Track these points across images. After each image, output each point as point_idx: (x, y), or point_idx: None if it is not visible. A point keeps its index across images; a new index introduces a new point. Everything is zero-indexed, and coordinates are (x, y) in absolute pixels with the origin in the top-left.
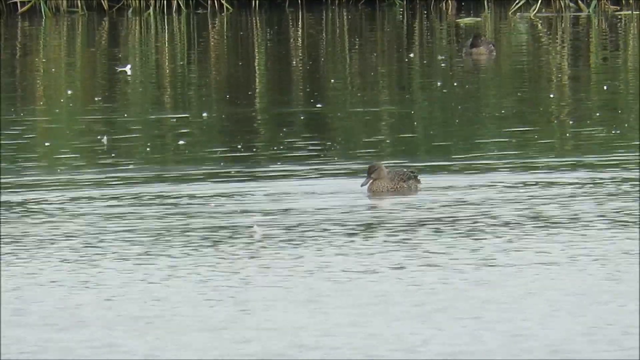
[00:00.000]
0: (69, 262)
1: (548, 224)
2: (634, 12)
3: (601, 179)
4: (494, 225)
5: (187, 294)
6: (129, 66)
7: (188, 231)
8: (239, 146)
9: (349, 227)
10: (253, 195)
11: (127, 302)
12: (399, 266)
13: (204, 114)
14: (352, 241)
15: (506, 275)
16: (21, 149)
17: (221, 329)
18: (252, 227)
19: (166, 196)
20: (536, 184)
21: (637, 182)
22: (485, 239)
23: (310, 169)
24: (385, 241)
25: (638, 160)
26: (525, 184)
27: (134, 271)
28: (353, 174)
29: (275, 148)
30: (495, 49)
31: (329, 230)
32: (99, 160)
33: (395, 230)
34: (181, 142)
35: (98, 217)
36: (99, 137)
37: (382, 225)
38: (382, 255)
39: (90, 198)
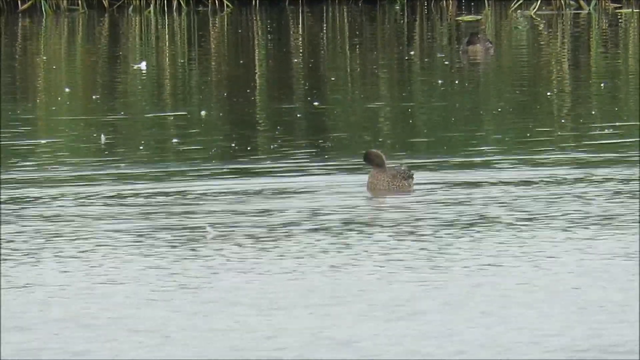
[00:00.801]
0: (28, 261)
1: (535, 223)
2: (634, 10)
3: (597, 177)
4: (478, 224)
5: (138, 295)
6: (144, 63)
7: (159, 231)
8: (233, 144)
9: (325, 227)
10: (235, 194)
11: (73, 303)
12: (361, 266)
13: (203, 112)
14: (320, 240)
15: (469, 275)
16: (17, 146)
17: (169, 331)
18: (205, 228)
19: (146, 194)
20: (530, 182)
21: (636, 181)
22: (462, 238)
23: (302, 167)
24: (358, 241)
25: (636, 159)
26: (517, 183)
27: (88, 271)
28: (347, 171)
29: (269, 146)
30: (492, 46)
31: (303, 229)
32: (92, 158)
33: (373, 231)
34: (175, 141)
35: (65, 215)
36: (95, 135)
37: (360, 225)
38: (346, 255)
39: (63, 195)
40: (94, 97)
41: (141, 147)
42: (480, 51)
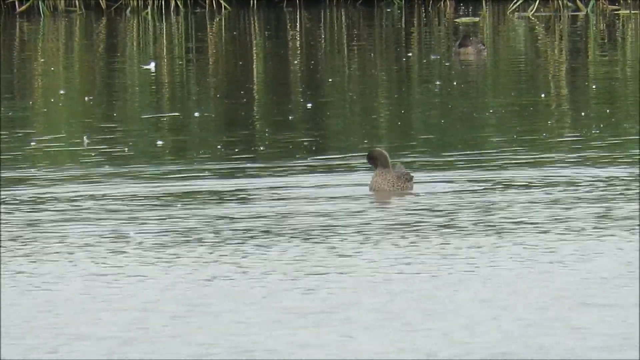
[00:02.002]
0: None
1: (524, 226)
2: (631, 11)
3: (594, 179)
4: (455, 229)
5: (75, 298)
6: (152, 64)
7: (112, 236)
8: (219, 146)
9: (276, 233)
10: (207, 195)
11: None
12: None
13: (196, 114)
14: (266, 247)
15: (428, 282)
16: (8, 147)
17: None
18: (129, 234)
19: (120, 196)
20: (527, 183)
21: (635, 183)
22: (457, 241)
23: (296, 168)
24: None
25: (635, 160)
26: (514, 185)
27: (38, 274)
28: (345, 172)
29: (259, 148)
30: (485, 48)
31: (252, 235)
32: (74, 159)
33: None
34: (159, 142)
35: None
36: (84, 137)
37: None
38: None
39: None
40: (86, 98)
41: (126, 149)
42: (471, 53)
